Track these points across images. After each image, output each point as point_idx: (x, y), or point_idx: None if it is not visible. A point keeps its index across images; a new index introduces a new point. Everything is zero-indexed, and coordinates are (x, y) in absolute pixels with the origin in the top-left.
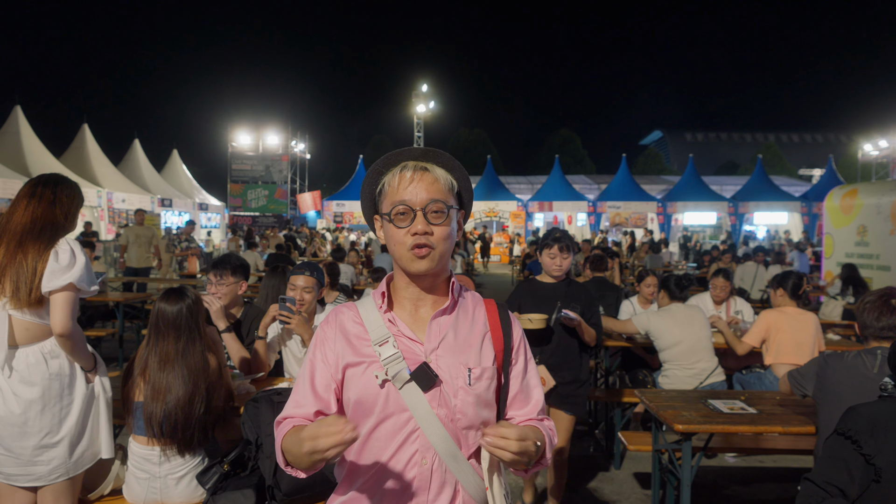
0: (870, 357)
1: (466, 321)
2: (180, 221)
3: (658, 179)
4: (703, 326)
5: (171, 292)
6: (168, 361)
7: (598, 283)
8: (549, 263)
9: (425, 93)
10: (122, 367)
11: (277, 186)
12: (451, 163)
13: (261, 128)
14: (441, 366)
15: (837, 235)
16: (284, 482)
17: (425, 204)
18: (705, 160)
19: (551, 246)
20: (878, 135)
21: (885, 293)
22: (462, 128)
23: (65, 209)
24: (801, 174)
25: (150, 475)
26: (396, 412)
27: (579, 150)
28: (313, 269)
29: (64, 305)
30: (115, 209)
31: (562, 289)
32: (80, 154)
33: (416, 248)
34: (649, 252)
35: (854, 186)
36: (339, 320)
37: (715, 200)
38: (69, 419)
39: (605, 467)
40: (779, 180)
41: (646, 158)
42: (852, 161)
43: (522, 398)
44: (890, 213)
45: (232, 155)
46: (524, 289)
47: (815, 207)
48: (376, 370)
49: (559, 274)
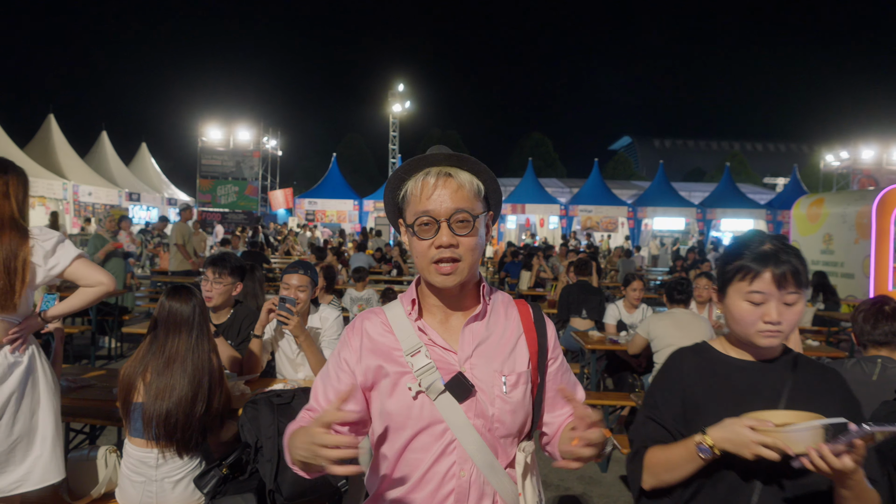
0: (869, 364)
1: (499, 326)
2: (149, 216)
3: (628, 184)
4: (701, 334)
5: (181, 290)
6: (175, 360)
7: (582, 286)
8: (746, 316)
9: (401, 92)
10: (95, 364)
11: (248, 183)
12: (477, 166)
13: (232, 123)
14: (476, 375)
15: (804, 243)
16: (286, 486)
17: (450, 214)
18: (673, 166)
19: (757, 276)
20: (840, 146)
21: (878, 301)
22: (435, 128)
23: (19, 201)
24: (766, 182)
25: (146, 478)
26: (432, 424)
27: (551, 154)
28: (307, 268)
29: (89, 266)
30: (80, 202)
31: (780, 373)
32: (46, 145)
33: (439, 264)
34: (622, 256)
35: (820, 196)
36: (367, 329)
37: (684, 206)
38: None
39: (593, 471)
40: (745, 188)
41: (615, 163)
42: (815, 171)
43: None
44: (855, 223)
45: (202, 150)
46: (691, 366)
47: (780, 215)
48: (409, 382)
49: (771, 341)
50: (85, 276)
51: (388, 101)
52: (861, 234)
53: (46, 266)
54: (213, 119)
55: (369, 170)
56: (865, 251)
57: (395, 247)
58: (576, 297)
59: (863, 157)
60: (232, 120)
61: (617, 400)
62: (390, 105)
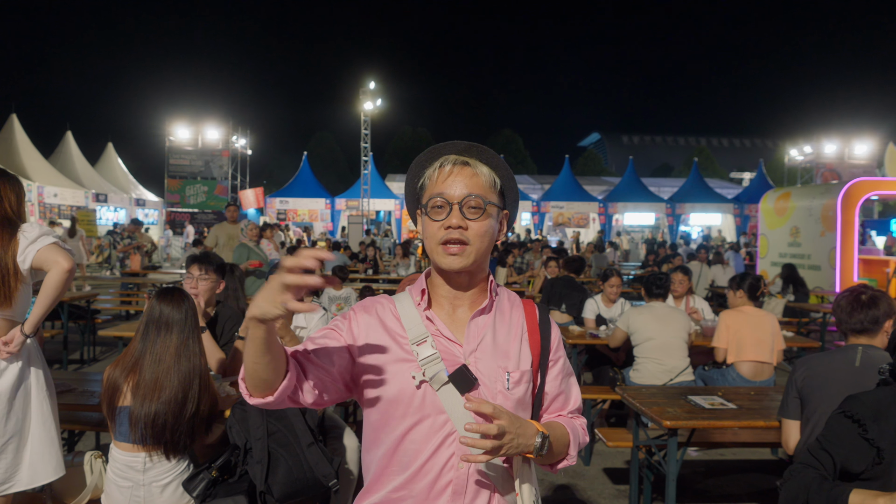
0: (850, 352)
1: (504, 322)
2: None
3: (599, 180)
4: (680, 327)
5: (171, 292)
6: (164, 361)
7: (567, 282)
8: None
9: (373, 90)
10: (67, 368)
11: (217, 182)
12: (495, 160)
13: (200, 122)
14: (480, 368)
15: (772, 236)
16: (277, 487)
17: (462, 198)
18: (642, 162)
19: None
20: (803, 141)
21: (855, 290)
22: (406, 126)
23: (12, 203)
24: (733, 177)
25: (133, 483)
26: (433, 414)
27: (521, 151)
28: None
29: (57, 248)
30: (46, 204)
31: None
32: (8, 146)
33: (447, 245)
34: (594, 252)
35: (787, 190)
36: (378, 310)
37: (653, 201)
38: None
39: (576, 464)
40: (712, 183)
41: (585, 160)
42: (779, 165)
43: (563, 400)
44: (821, 216)
45: (170, 149)
46: None
47: (747, 209)
48: (413, 370)
49: None
50: (45, 260)
51: (359, 99)
52: (827, 227)
53: (22, 258)
54: (181, 118)
55: (340, 168)
56: (831, 243)
57: (370, 246)
58: (559, 291)
59: (825, 152)
60: (200, 118)
61: (598, 393)
62: (361, 103)
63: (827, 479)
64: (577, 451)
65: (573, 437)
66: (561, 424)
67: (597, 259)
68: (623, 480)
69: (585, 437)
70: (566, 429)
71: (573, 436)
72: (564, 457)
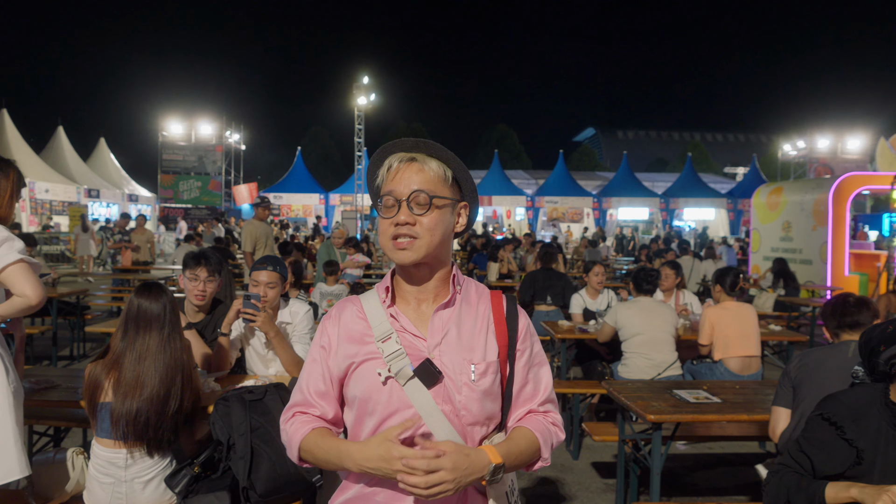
0: (844, 346)
1: (470, 314)
2: (109, 213)
3: (593, 175)
4: (667, 322)
5: (151, 287)
6: (146, 357)
7: (546, 273)
8: None
9: (366, 85)
10: (56, 365)
11: (211, 178)
12: (444, 154)
13: (194, 117)
14: (444, 362)
15: (764, 231)
16: (260, 483)
17: (409, 194)
18: (636, 157)
19: None
20: (797, 135)
21: (841, 296)
22: (401, 121)
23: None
24: (726, 172)
25: (115, 479)
26: (401, 409)
27: (516, 146)
28: (276, 264)
29: (26, 273)
30: (37, 200)
31: None
32: None
33: (397, 240)
34: (588, 246)
35: (780, 184)
36: (342, 317)
37: (647, 196)
38: None
39: (564, 458)
40: (706, 178)
41: (580, 155)
42: (773, 160)
43: (531, 390)
44: (812, 210)
45: (163, 144)
46: None
47: (741, 204)
48: (379, 367)
49: None
50: (13, 285)
51: (352, 94)
52: (818, 222)
53: None
54: (174, 113)
55: (335, 163)
56: (823, 238)
57: (363, 241)
58: (541, 284)
59: (818, 147)
60: (193, 114)
61: (587, 388)
62: (355, 98)
63: (805, 476)
64: (550, 451)
65: (543, 441)
66: (529, 431)
67: (590, 254)
68: (611, 474)
69: (560, 434)
70: (534, 434)
71: (543, 439)
72: (537, 460)
